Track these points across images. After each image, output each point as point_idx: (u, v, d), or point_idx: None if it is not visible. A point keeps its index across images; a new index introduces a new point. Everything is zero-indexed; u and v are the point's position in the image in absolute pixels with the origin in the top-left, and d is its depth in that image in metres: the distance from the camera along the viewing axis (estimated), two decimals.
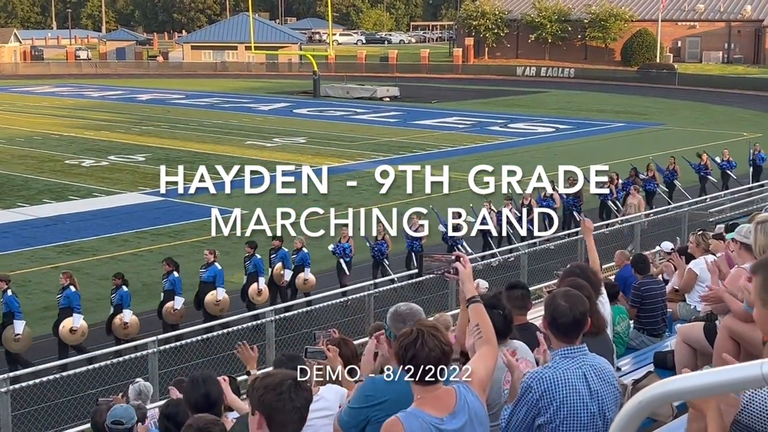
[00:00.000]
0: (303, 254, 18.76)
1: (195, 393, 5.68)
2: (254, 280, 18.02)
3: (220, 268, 17.33)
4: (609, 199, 24.56)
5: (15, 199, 29.09)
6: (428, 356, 3.96)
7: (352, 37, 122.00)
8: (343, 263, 19.31)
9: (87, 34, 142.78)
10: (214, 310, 17.02)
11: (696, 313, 9.78)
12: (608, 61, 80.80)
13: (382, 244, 19.57)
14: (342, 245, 19.31)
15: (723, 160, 28.29)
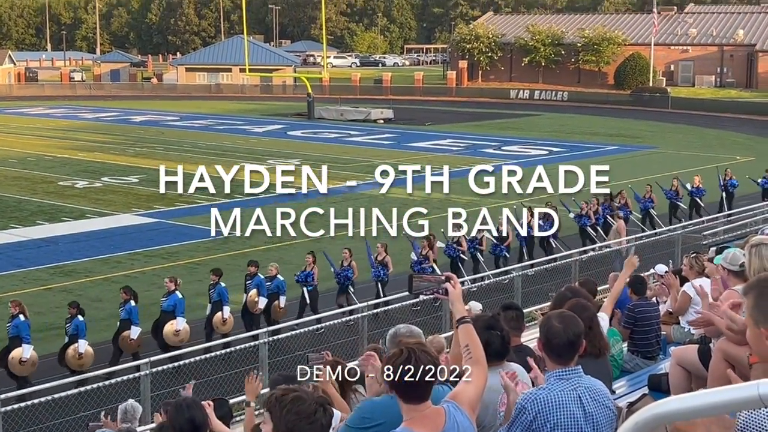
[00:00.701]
0: (278, 281, 18.29)
1: (179, 418, 5.66)
2: (219, 308, 17.43)
3: (181, 297, 16.80)
4: (588, 225, 24.21)
5: (8, 221, 29.01)
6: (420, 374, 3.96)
7: (347, 59, 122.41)
8: (305, 292, 18.69)
9: (81, 55, 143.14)
10: (173, 340, 16.50)
11: (690, 336, 9.76)
12: (601, 84, 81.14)
13: (347, 270, 19.08)
14: (305, 272, 18.80)
15: (693, 186, 27.72)
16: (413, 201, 20.32)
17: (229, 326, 17.42)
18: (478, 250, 21.66)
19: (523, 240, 22.62)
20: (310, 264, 18.79)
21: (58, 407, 12.99)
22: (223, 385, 14.62)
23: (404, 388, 3.97)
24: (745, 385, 2.06)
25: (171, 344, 16.36)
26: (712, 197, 28.85)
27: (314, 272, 18.75)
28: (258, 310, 18.05)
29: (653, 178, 31.00)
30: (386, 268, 19.63)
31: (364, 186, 34.34)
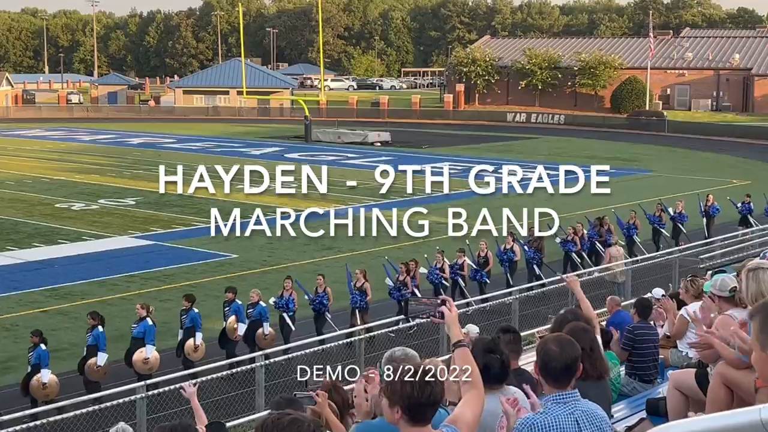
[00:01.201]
0: (260, 308, 17.80)
1: None
2: (191, 335, 16.91)
3: (152, 324, 16.37)
4: (573, 251, 23.82)
5: (4, 243, 28.95)
6: (420, 398, 3.93)
7: (344, 82, 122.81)
8: (287, 317, 18.23)
9: (79, 78, 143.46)
10: (142, 368, 16.04)
11: (688, 360, 9.73)
12: (598, 108, 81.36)
13: (322, 296, 18.65)
14: (285, 298, 18.35)
15: (675, 212, 27.40)
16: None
17: (200, 353, 16.90)
18: (459, 275, 21.37)
19: (506, 265, 22.32)
20: (288, 289, 18.40)
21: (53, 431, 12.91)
22: (221, 408, 14.55)
23: (421, 408, 3.95)
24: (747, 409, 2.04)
25: (140, 372, 15.90)
26: (695, 222, 28.63)
27: (294, 297, 18.38)
28: (237, 337, 17.50)
29: (650, 201, 31.02)
30: (365, 295, 19.11)
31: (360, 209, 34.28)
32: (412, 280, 19.94)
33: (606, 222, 25.34)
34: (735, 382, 6.06)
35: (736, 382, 6.05)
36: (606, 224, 25.25)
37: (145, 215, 33.91)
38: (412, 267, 20.09)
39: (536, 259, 22.74)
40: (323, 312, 18.70)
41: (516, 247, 22.34)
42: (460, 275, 21.38)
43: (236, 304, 17.62)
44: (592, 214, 27.38)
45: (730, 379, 6.13)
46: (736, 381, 6.04)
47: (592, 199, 37.83)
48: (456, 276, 21.30)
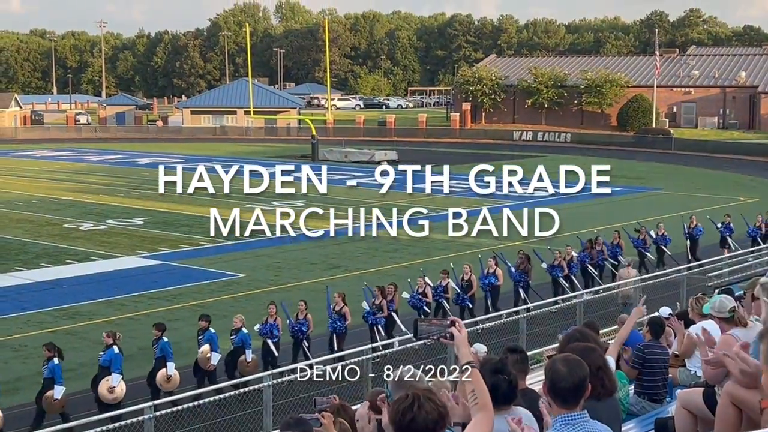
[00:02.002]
0: (242, 334, 17.30)
1: None
2: (162, 365, 16.35)
3: (118, 353, 15.77)
4: (560, 276, 23.14)
5: (13, 263, 29.03)
6: (425, 419, 3.93)
7: (351, 101, 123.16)
8: (271, 344, 17.78)
9: (87, 98, 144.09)
10: (108, 398, 15.50)
11: (696, 379, 9.71)
12: (604, 126, 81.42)
13: (302, 323, 18.14)
14: (269, 324, 17.90)
15: (658, 234, 26.74)
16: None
17: (173, 384, 16.31)
18: (444, 297, 20.69)
19: (487, 290, 21.75)
20: (272, 315, 17.97)
21: None
22: (228, 428, 14.55)
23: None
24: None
25: (105, 401, 15.44)
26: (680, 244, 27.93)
27: (278, 323, 17.94)
28: (211, 367, 16.91)
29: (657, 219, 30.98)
30: (344, 320, 18.62)
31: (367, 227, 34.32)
32: (390, 304, 19.38)
33: (599, 243, 24.88)
34: (743, 402, 6.06)
35: (744, 402, 6.05)
36: (599, 245, 24.80)
37: (153, 235, 33.98)
38: (389, 290, 19.51)
39: (522, 281, 22.13)
40: (301, 340, 18.13)
41: (498, 271, 21.76)
42: (445, 297, 20.70)
43: (210, 332, 17.05)
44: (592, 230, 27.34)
45: (738, 398, 6.13)
46: (744, 400, 6.04)
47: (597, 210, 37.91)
48: (440, 299, 20.62)
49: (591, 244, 24.74)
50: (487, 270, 21.88)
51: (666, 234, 26.84)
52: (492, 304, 21.62)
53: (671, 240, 26.97)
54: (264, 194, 17.73)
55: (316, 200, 19.13)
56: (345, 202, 24.49)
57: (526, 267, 22.20)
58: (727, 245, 28.03)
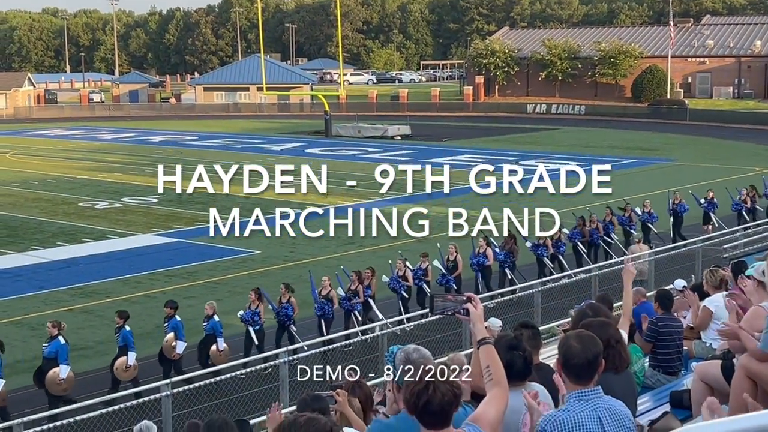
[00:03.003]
0: (213, 322, 16.86)
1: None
2: (123, 353, 15.93)
3: (64, 343, 15.28)
4: (545, 255, 22.49)
5: (29, 243, 29.19)
6: (441, 401, 3.93)
7: (363, 76, 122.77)
8: (252, 332, 17.39)
9: (100, 77, 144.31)
10: (57, 389, 15.06)
11: (712, 351, 9.70)
12: (619, 97, 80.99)
13: (287, 307, 17.77)
14: (250, 311, 17.49)
15: (644, 211, 26.00)
16: None
17: (130, 374, 15.91)
18: (424, 281, 20.19)
19: (477, 270, 21.34)
20: (254, 301, 17.58)
21: (79, 429, 13.03)
22: (244, 404, 14.64)
23: (423, 414, 3.95)
24: None
25: (54, 393, 15.03)
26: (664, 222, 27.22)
27: (260, 310, 17.54)
28: (176, 356, 16.45)
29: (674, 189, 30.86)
30: (331, 304, 18.26)
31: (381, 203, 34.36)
32: (366, 289, 18.97)
33: (594, 220, 24.29)
34: (759, 375, 6.05)
35: (759, 375, 6.04)
36: (594, 222, 24.23)
37: (168, 213, 34.08)
38: (366, 275, 19.03)
39: (508, 262, 21.70)
40: (287, 324, 17.78)
41: (489, 251, 21.33)
42: (425, 281, 20.23)
43: (175, 320, 16.62)
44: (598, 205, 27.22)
45: (753, 371, 6.12)
46: (758, 373, 6.03)
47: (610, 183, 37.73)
48: (420, 282, 20.15)
49: (583, 222, 24.09)
50: (477, 250, 21.38)
51: (652, 211, 26.05)
52: (485, 284, 21.24)
53: (658, 217, 26.19)
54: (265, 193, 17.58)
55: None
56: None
57: (512, 247, 21.71)
58: (710, 222, 27.29)
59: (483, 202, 18.45)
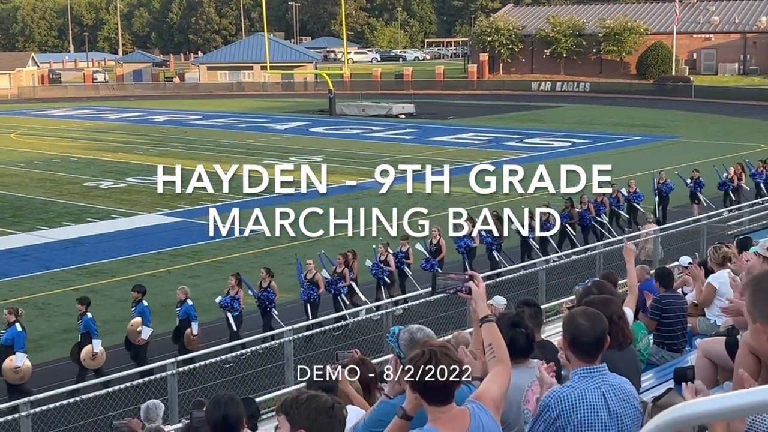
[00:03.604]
0: (187, 307, 16.53)
1: (215, 413, 5.66)
2: (87, 341, 15.50)
3: (21, 330, 14.96)
4: (530, 237, 21.89)
5: (34, 222, 29.25)
6: (443, 375, 3.95)
7: (367, 55, 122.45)
8: (230, 317, 17.10)
9: (104, 56, 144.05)
10: (13, 378, 14.77)
11: (716, 328, 9.71)
12: (624, 74, 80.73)
13: (269, 292, 17.48)
14: (229, 296, 17.19)
15: (630, 191, 25.37)
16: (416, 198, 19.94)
17: (99, 361, 15.52)
18: (406, 264, 19.87)
19: (464, 253, 20.97)
20: (233, 287, 17.28)
21: (86, 408, 13.11)
22: (250, 382, 14.70)
23: (426, 390, 3.96)
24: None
25: (11, 382, 14.78)
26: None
27: (240, 296, 17.22)
28: (141, 341, 16.11)
29: (679, 167, 30.81)
30: (316, 288, 18.07)
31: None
32: (350, 273, 18.75)
33: (585, 201, 23.71)
34: (762, 351, 6.04)
35: (762, 351, 6.03)
36: (585, 203, 23.67)
37: (173, 192, 34.02)
38: (351, 258, 18.81)
39: (495, 244, 21.27)
40: (269, 309, 17.55)
41: (475, 233, 20.74)
42: (406, 264, 19.91)
43: (142, 305, 16.31)
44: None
45: (756, 347, 6.11)
46: (762, 350, 6.03)
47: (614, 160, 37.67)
48: (402, 265, 19.81)
49: (571, 204, 23.51)
50: (468, 233, 20.68)
51: (638, 190, 25.53)
52: (469, 266, 20.66)
53: (644, 197, 25.73)
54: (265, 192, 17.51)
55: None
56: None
57: (499, 229, 20.85)
58: (697, 200, 26.89)
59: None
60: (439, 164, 39.85)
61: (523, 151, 43.94)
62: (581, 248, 22.14)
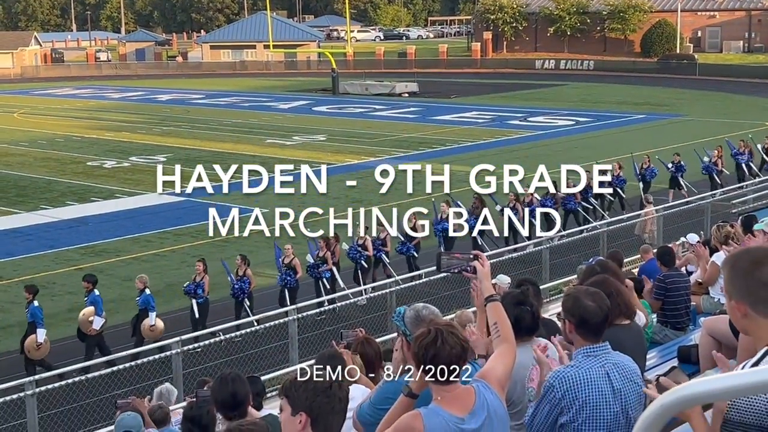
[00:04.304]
0: (145, 296, 16.03)
1: (222, 391, 5.68)
2: (33, 330, 15.19)
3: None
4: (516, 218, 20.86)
5: (38, 202, 29.28)
6: (449, 354, 3.95)
7: (370, 33, 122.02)
8: (194, 305, 16.66)
9: (107, 35, 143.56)
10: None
11: (720, 306, 9.72)
12: (628, 52, 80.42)
13: (244, 281, 17.13)
14: (194, 283, 16.82)
15: (614, 175, 24.34)
16: None
17: (43, 351, 15.16)
18: (383, 251, 19.41)
19: (440, 236, 20.33)
20: (200, 273, 16.84)
21: (90, 387, 13.18)
22: (255, 361, 14.75)
23: (432, 368, 3.97)
24: None
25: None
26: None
27: (205, 282, 16.80)
28: (92, 331, 15.62)
29: (682, 146, 30.75)
30: (294, 273, 17.69)
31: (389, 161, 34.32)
32: (332, 257, 18.42)
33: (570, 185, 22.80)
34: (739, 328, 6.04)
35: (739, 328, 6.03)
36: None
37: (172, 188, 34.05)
38: (333, 242, 18.47)
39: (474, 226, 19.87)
40: (242, 298, 17.15)
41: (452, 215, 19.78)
42: (384, 251, 19.44)
43: (93, 294, 15.84)
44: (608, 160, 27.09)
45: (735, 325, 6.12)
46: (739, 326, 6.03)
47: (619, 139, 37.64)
48: (379, 252, 19.36)
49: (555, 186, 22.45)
50: (440, 215, 20.29)
51: (621, 174, 24.74)
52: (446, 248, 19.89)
53: (626, 181, 25.00)
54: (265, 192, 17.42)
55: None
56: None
57: (480, 211, 20.16)
58: (678, 185, 26.22)
59: None
60: (443, 143, 39.90)
61: (527, 130, 43.87)
62: (585, 227, 22.07)
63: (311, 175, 17.25)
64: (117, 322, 17.17)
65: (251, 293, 17.30)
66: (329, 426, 3.58)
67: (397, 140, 41.25)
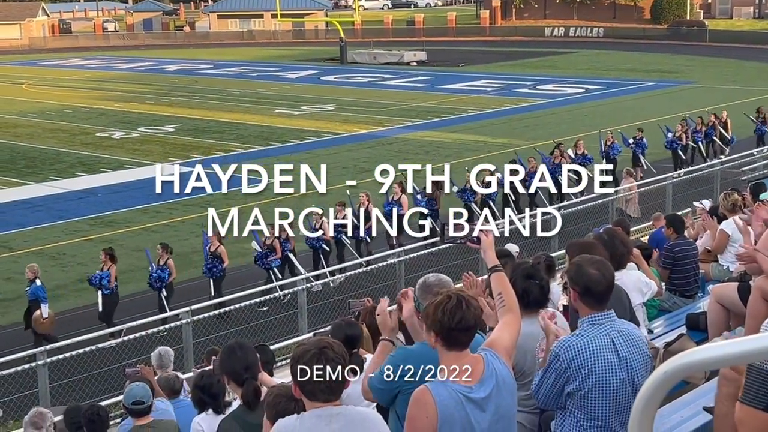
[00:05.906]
0: (35, 287, 15.17)
1: (230, 361, 5.70)
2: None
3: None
4: (472, 201, 20.41)
5: (48, 173, 29.34)
6: (473, 318, 4.00)
7: (378, 1, 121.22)
8: (99, 297, 15.87)
9: (114, 5, 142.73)
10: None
11: (728, 274, 9.72)
12: (638, 19, 79.81)
13: (163, 270, 16.28)
14: (99, 273, 15.96)
15: (577, 153, 23.37)
16: None
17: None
18: (343, 233, 18.45)
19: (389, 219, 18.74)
20: (104, 262, 16.01)
21: (100, 357, 13.27)
22: (264, 331, 14.82)
23: (453, 334, 3.99)
24: None
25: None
26: None
27: (111, 273, 15.90)
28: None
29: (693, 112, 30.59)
30: (221, 262, 16.86)
31: (398, 130, 34.27)
32: (285, 243, 17.44)
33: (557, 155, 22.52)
34: None
35: None
36: (533, 166, 21.04)
37: (185, 142, 34.10)
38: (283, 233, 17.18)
39: (430, 210, 19.26)
40: (159, 288, 16.30)
41: (404, 198, 19.03)
42: (343, 233, 18.53)
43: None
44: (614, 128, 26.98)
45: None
46: None
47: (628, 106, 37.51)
48: (338, 234, 18.51)
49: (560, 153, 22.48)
50: (391, 197, 18.99)
51: (586, 152, 23.61)
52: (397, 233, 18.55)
53: (593, 159, 23.76)
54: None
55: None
56: None
57: (434, 194, 19.41)
58: (638, 162, 25.21)
59: None
60: (451, 112, 39.79)
61: (537, 98, 43.70)
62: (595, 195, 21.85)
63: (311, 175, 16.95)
64: (130, 291, 17.23)
65: (171, 284, 16.52)
66: None
67: (406, 109, 41.15)
